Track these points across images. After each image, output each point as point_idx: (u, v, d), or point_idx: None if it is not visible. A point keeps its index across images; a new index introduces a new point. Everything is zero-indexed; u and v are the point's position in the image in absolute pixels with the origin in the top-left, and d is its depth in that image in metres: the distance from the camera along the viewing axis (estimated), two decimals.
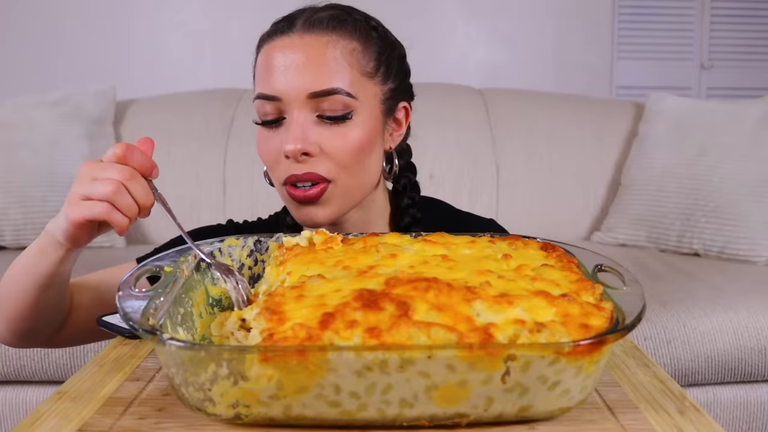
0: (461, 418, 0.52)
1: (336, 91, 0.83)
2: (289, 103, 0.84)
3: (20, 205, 1.89)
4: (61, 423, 0.54)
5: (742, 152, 1.90)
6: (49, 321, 0.84)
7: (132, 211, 0.68)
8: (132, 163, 0.68)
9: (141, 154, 0.69)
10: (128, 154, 0.68)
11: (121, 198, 0.67)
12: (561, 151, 2.14)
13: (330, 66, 0.84)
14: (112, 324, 0.79)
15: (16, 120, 1.99)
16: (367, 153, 0.87)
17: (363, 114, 0.86)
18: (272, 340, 0.50)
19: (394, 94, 0.91)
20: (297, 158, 0.84)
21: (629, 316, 0.54)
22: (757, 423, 1.50)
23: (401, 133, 0.95)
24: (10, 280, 0.81)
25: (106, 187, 0.67)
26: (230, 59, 2.86)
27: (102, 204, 0.67)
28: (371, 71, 0.87)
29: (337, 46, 0.85)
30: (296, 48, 0.84)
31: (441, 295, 0.54)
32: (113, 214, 0.68)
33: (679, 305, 1.50)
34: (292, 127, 0.84)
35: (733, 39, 3.05)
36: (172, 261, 0.67)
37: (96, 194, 0.67)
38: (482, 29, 2.96)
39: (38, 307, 0.80)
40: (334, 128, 0.84)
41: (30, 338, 0.85)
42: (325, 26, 0.86)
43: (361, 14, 0.91)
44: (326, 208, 0.87)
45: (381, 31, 0.91)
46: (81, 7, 2.81)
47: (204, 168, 2.05)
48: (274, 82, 0.84)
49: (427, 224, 0.96)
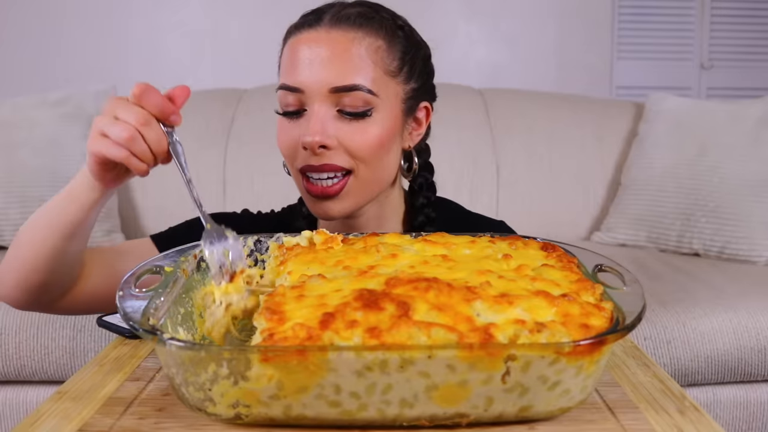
0: (461, 418, 0.52)
1: (357, 88, 0.84)
2: (311, 96, 0.85)
3: (20, 205, 1.89)
4: (61, 423, 0.54)
5: (742, 152, 1.90)
6: (62, 278, 0.84)
7: (147, 156, 0.69)
8: (147, 106, 0.69)
9: (159, 97, 0.69)
10: (144, 95, 0.69)
11: (136, 144, 0.68)
12: (561, 151, 2.14)
13: (354, 62, 0.85)
14: (112, 324, 0.79)
15: (16, 120, 1.98)
16: (385, 150, 0.88)
17: (383, 111, 0.87)
18: (272, 340, 0.50)
19: (416, 93, 0.92)
20: (314, 150, 0.84)
21: (629, 316, 0.54)
22: (757, 423, 1.50)
23: (421, 132, 0.96)
24: (31, 230, 0.80)
25: (123, 132, 0.67)
26: (230, 59, 2.87)
27: (119, 149, 0.68)
28: (394, 70, 0.88)
29: (363, 43, 0.86)
30: (322, 42, 0.85)
31: (441, 295, 0.54)
32: (131, 159, 0.69)
33: (679, 305, 1.50)
34: (312, 120, 0.85)
35: (733, 39, 3.05)
36: (172, 261, 0.67)
37: (113, 136, 0.68)
38: (483, 29, 2.96)
39: (56, 260, 0.80)
40: (354, 123, 0.85)
41: (37, 297, 0.84)
42: (352, 22, 0.87)
43: (388, 13, 0.92)
44: (342, 201, 0.88)
45: (407, 31, 0.92)
46: (81, 7, 2.81)
47: (204, 168, 2.05)
48: (298, 74, 0.85)
49: (438, 224, 0.97)
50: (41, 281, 0.82)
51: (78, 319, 1.44)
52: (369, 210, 0.94)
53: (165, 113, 0.69)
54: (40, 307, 0.87)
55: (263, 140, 2.07)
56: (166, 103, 0.70)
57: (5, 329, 1.43)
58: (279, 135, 0.90)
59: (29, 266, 0.81)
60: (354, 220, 0.94)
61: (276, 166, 1.00)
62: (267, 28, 2.92)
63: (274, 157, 0.95)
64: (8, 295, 0.85)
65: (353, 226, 0.95)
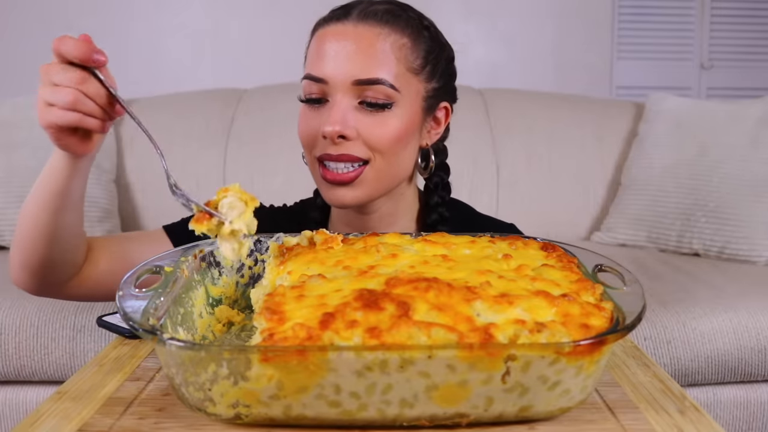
0: (461, 418, 0.52)
1: (380, 81, 0.86)
2: (334, 87, 0.87)
3: (20, 205, 1.88)
4: (61, 423, 0.54)
5: (742, 152, 1.90)
6: (63, 255, 0.85)
7: (96, 111, 0.70)
8: (68, 55, 0.68)
9: (74, 42, 0.68)
10: (61, 46, 0.68)
11: (82, 104, 0.68)
12: (561, 151, 2.14)
13: (378, 57, 0.87)
14: (112, 324, 0.79)
15: (16, 120, 1.98)
16: (402, 144, 0.90)
17: (403, 107, 0.89)
18: (272, 340, 0.50)
19: (437, 93, 0.94)
20: (334, 140, 0.86)
21: (629, 316, 0.54)
22: (757, 423, 1.50)
23: (439, 132, 0.98)
24: (23, 210, 0.82)
25: (66, 96, 0.68)
26: (230, 59, 2.87)
27: (69, 113, 0.69)
28: (417, 68, 0.91)
29: (388, 39, 0.88)
30: (349, 36, 0.88)
31: (441, 295, 0.54)
32: (84, 120, 0.69)
33: (679, 305, 1.50)
34: (333, 110, 0.87)
35: (733, 39, 3.05)
36: (172, 261, 0.67)
37: (59, 102, 0.68)
38: (481, 29, 2.96)
39: (51, 234, 0.81)
40: (374, 116, 0.87)
41: (43, 278, 0.86)
42: (379, 19, 0.89)
43: (415, 13, 0.94)
44: (356, 189, 0.89)
45: (432, 32, 0.95)
46: (81, 7, 2.81)
47: (204, 168, 2.05)
48: (323, 65, 0.88)
49: (450, 224, 0.99)
50: (42, 259, 0.83)
51: (78, 319, 1.44)
52: (382, 206, 0.96)
53: (86, 55, 0.68)
54: (49, 291, 0.89)
55: (263, 140, 2.08)
56: (84, 45, 0.68)
57: (5, 329, 1.43)
58: (300, 124, 0.92)
59: (28, 244, 0.82)
60: (367, 215, 0.96)
61: (276, 166, 1.00)
62: (267, 28, 2.93)
63: (274, 157, 0.95)
64: (18, 278, 0.87)
65: (367, 222, 0.96)
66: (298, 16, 0.89)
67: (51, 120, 0.69)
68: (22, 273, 0.86)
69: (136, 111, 0.71)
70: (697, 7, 3.02)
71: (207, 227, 0.65)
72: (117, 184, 2.05)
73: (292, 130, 0.95)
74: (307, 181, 0.96)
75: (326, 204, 1.01)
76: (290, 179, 1.97)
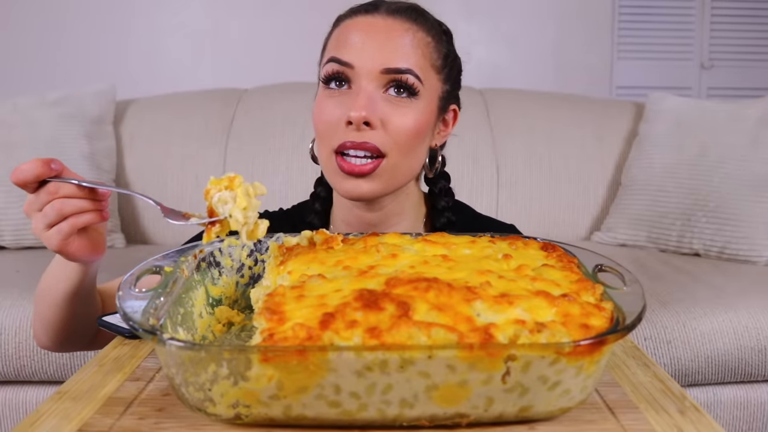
0: (461, 418, 0.52)
1: (409, 71, 0.88)
2: (361, 74, 0.87)
3: (20, 205, 1.89)
4: (61, 423, 0.54)
5: (742, 152, 1.90)
6: (84, 327, 0.89)
7: (84, 205, 0.72)
8: (27, 180, 0.71)
9: (27, 167, 0.71)
10: (18, 177, 0.71)
11: (69, 207, 0.71)
12: (561, 151, 2.14)
13: (407, 49, 0.89)
14: (112, 324, 0.79)
15: (16, 120, 1.98)
16: (420, 138, 0.91)
17: (424, 101, 0.90)
18: (272, 340, 0.50)
19: (449, 95, 0.97)
20: (359, 126, 0.86)
21: (629, 316, 0.53)
22: (757, 423, 1.50)
23: (446, 134, 1.00)
24: (41, 296, 0.86)
25: (51, 210, 0.71)
26: (230, 59, 2.87)
27: (63, 223, 0.72)
28: (438, 67, 0.93)
29: (416, 34, 0.90)
30: (379, 26, 0.89)
31: (441, 295, 0.54)
32: (79, 219, 0.72)
33: (679, 305, 1.50)
34: (360, 96, 0.87)
35: (733, 39, 3.05)
36: (172, 261, 0.67)
37: (50, 219, 0.72)
38: (483, 29, 2.96)
39: (70, 318, 0.86)
40: (398, 106, 0.88)
41: (65, 345, 0.91)
42: (407, 15, 0.91)
43: (434, 18, 0.97)
44: (372, 182, 0.89)
45: (450, 38, 0.98)
46: (81, 7, 2.82)
47: (204, 168, 2.05)
48: (351, 50, 0.88)
49: (456, 227, 1.01)
50: (66, 335, 0.88)
51: None
52: (389, 203, 0.96)
53: (43, 170, 0.71)
54: (77, 350, 0.95)
55: (263, 140, 2.07)
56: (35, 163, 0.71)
57: (5, 329, 1.43)
58: (318, 112, 0.91)
59: (47, 322, 0.87)
60: (374, 213, 0.96)
61: (276, 166, 1.00)
62: (267, 28, 2.93)
63: (274, 157, 0.95)
64: (41, 341, 0.91)
65: (373, 220, 0.96)
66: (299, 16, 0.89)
67: (55, 240, 0.72)
68: (44, 339, 0.90)
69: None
70: (697, 7, 3.02)
71: (215, 233, 0.67)
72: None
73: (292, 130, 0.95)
74: (307, 181, 0.96)
75: (324, 208, 1.01)
76: (290, 179, 1.97)
